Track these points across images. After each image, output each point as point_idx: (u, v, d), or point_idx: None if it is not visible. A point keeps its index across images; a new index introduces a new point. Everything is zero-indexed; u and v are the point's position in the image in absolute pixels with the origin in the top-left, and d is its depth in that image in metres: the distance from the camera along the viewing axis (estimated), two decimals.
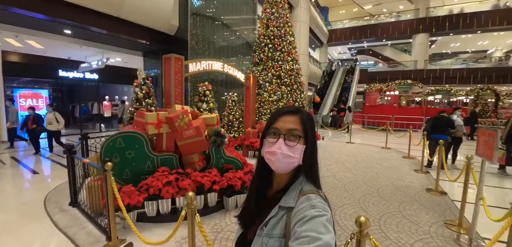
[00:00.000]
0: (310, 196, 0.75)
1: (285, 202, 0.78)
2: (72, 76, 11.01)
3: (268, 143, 0.84)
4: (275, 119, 0.85)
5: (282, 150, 0.79)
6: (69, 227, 3.02)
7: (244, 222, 0.92)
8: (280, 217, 0.77)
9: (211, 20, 9.63)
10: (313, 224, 0.66)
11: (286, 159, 0.80)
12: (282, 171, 0.83)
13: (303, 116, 0.85)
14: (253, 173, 0.97)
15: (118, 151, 3.25)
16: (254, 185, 0.94)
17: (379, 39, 22.40)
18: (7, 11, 5.47)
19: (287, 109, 0.86)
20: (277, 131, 0.82)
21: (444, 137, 5.41)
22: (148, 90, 4.90)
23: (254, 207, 0.90)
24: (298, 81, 8.79)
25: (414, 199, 4.09)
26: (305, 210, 0.70)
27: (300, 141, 0.81)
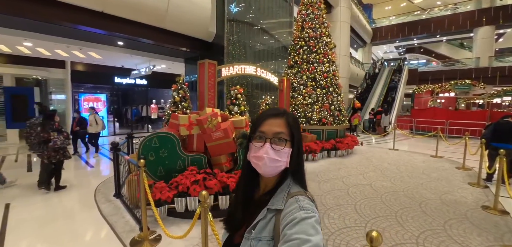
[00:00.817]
0: (299, 197, 0.75)
1: (273, 204, 0.78)
2: (125, 82, 12.39)
3: (254, 147, 0.82)
4: (260, 123, 0.84)
5: (268, 154, 0.78)
6: (111, 215, 3.40)
7: (231, 226, 0.91)
8: (269, 220, 0.76)
9: (247, 25, 9.86)
10: (302, 226, 0.66)
11: (273, 163, 0.79)
12: (269, 175, 0.82)
13: (288, 118, 0.84)
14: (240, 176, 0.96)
15: (153, 150, 3.54)
16: (241, 188, 0.93)
17: (432, 35, 20.17)
18: (75, 28, 6.43)
19: (273, 112, 0.85)
20: (263, 135, 0.81)
21: (507, 146, 4.62)
22: (184, 93, 5.24)
23: (242, 210, 0.89)
24: (334, 83, 8.44)
25: (464, 217, 3.58)
26: (294, 212, 0.70)
27: (287, 144, 0.80)
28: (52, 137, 4.24)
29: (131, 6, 6.54)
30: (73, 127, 7.61)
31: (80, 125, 7.58)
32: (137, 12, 6.76)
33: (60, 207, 3.82)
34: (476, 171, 5.67)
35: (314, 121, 7.97)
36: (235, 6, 9.42)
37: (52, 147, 4.20)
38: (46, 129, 4.26)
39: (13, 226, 3.22)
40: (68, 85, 10.73)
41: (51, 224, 3.27)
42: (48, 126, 4.30)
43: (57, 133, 4.34)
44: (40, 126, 4.23)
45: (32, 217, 3.43)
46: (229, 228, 0.91)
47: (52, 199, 4.12)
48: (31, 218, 3.41)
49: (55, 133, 4.31)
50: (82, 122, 7.62)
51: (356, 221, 3.41)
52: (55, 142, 4.23)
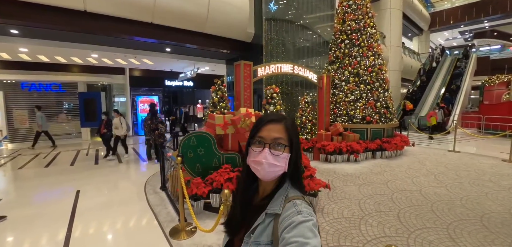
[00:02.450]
0: (296, 201, 0.76)
1: (271, 208, 0.80)
2: (174, 84, 13.52)
3: (253, 152, 0.84)
4: (259, 128, 0.86)
5: (267, 159, 0.80)
6: (156, 205, 3.80)
7: (231, 230, 0.93)
8: (267, 224, 0.79)
9: (286, 23, 9.79)
10: (300, 229, 0.68)
11: (272, 168, 0.81)
12: (268, 179, 0.84)
13: (287, 124, 0.85)
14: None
15: (192, 148, 3.81)
16: (240, 192, 0.95)
17: (508, 14, 16.92)
18: (131, 39, 7.29)
19: (272, 118, 0.86)
20: (262, 140, 0.83)
21: None
22: (222, 94, 5.48)
23: (240, 214, 0.91)
24: (381, 78, 7.78)
25: None
26: (292, 216, 0.72)
27: (285, 149, 0.82)
28: (158, 127, 6.50)
29: (176, 15, 7.10)
30: (101, 129, 7.45)
31: (108, 127, 7.42)
32: (181, 20, 7.31)
33: (116, 195, 4.41)
34: None
35: (357, 120, 7.50)
36: (274, 4, 9.42)
37: (158, 134, 6.47)
38: (154, 121, 6.54)
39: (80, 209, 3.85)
40: (127, 88, 12.22)
41: (109, 209, 3.81)
42: (155, 120, 6.56)
43: (160, 125, 6.58)
44: (149, 120, 6.53)
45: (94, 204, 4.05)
46: (229, 232, 0.94)
47: (111, 190, 4.78)
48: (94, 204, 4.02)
49: (159, 125, 6.54)
50: (110, 125, 7.42)
51: (397, 230, 3.12)
52: (160, 130, 6.53)
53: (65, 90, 11.17)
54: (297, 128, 0.89)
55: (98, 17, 6.17)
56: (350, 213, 3.58)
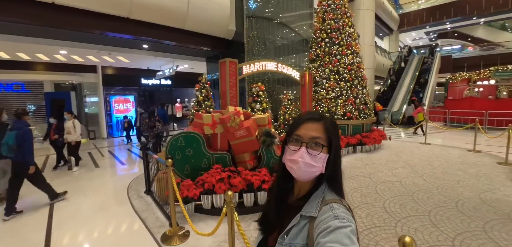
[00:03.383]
0: (333, 205, 0.73)
1: (307, 211, 0.77)
2: (151, 83, 12.96)
3: (290, 150, 0.82)
4: (297, 126, 0.84)
5: (304, 158, 0.78)
6: (143, 211, 3.61)
7: (265, 228, 0.92)
8: (302, 227, 0.76)
9: (266, 21, 9.79)
10: (336, 235, 0.64)
11: (308, 168, 0.78)
12: (304, 179, 0.82)
13: (326, 123, 0.82)
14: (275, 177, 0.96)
15: (180, 149, 3.67)
16: (274, 191, 0.94)
17: (467, 17, 18.51)
18: (104, 35, 6.83)
19: (310, 116, 0.84)
20: (299, 138, 0.81)
21: None
22: (207, 93, 5.35)
23: (275, 213, 0.90)
24: (359, 75, 8.11)
25: (508, 218, 3.28)
26: (329, 221, 0.68)
27: (323, 150, 0.78)
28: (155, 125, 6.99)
29: (154, 10, 6.78)
30: (51, 135, 6.13)
31: (59, 132, 6.09)
32: (159, 15, 7.00)
33: (97, 201, 4.12)
34: None
35: (338, 116, 7.74)
36: (253, 2, 9.39)
37: (155, 132, 6.95)
38: (152, 120, 7.04)
39: (58, 221, 3.53)
40: (100, 88, 11.47)
41: (91, 217, 3.54)
42: (153, 118, 7.00)
43: (157, 123, 7.05)
44: (147, 118, 7.04)
45: (73, 212, 3.75)
46: (263, 230, 0.92)
47: (90, 196, 4.45)
48: (73, 213, 3.72)
49: (157, 123, 7.02)
50: (61, 130, 6.08)
51: (385, 220, 3.28)
52: (157, 128, 7.02)
53: (29, 90, 10.21)
54: (337, 128, 0.85)
55: (67, 10, 5.69)
56: None
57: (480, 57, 17.57)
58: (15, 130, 3.59)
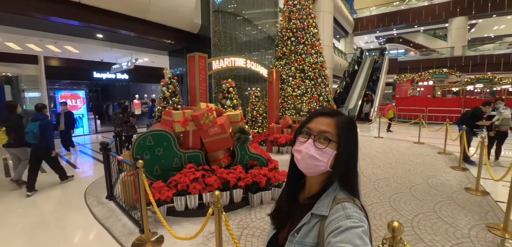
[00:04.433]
0: (346, 204, 0.71)
1: (317, 209, 0.75)
2: (105, 77, 11.79)
3: (298, 142, 0.83)
4: (310, 119, 0.84)
5: (308, 150, 0.77)
6: (106, 218, 3.26)
7: (276, 223, 0.91)
8: (313, 225, 0.74)
9: (232, 16, 9.68)
10: (348, 235, 0.62)
11: (311, 161, 0.77)
12: (308, 173, 0.82)
13: (340, 120, 0.80)
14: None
15: (148, 149, 3.41)
16: (285, 185, 0.94)
17: (410, 25, 20.91)
18: (47, 20, 5.96)
19: (324, 111, 0.84)
20: (309, 131, 0.81)
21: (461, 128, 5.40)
22: (174, 89, 5.07)
23: (286, 209, 0.89)
24: (322, 74, 8.54)
25: (451, 199, 3.81)
26: (340, 220, 0.67)
27: (330, 145, 0.77)
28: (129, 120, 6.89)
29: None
30: None
31: None
32: (117, 2, 6.39)
33: (49, 211, 3.60)
34: (456, 155, 6.05)
35: (304, 113, 8.05)
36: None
37: (130, 126, 6.85)
38: (125, 115, 6.81)
39: None
40: (42, 81, 10.02)
41: (44, 230, 3.08)
42: (126, 113, 6.88)
43: (131, 118, 6.94)
44: (121, 113, 6.81)
45: (16, 226, 3.21)
46: (275, 223, 0.91)
47: (40, 205, 3.87)
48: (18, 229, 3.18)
49: (130, 118, 6.90)
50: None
51: None
52: (132, 123, 6.92)
53: None
54: (353, 127, 0.81)
55: None
56: None
57: (420, 61, 20.03)
58: (38, 121, 4.24)
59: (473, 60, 17.76)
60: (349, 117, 0.83)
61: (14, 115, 4.46)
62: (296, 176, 0.89)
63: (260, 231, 2.95)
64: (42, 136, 4.24)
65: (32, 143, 4.23)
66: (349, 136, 0.79)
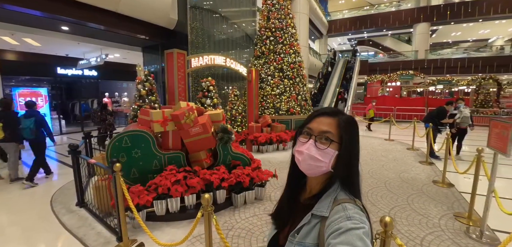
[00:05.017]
0: (346, 205, 0.70)
1: (318, 210, 0.74)
2: (70, 73, 10.89)
3: (299, 142, 0.82)
4: (311, 119, 0.83)
5: (310, 151, 0.76)
6: (78, 227, 2.99)
7: (277, 223, 0.90)
8: (313, 226, 0.73)
9: (210, 12, 9.48)
10: (348, 237, 0.61)
11: (313, 161, 0.76)
12: (309, 174, 0.80)
13: (341, 119, 0.79)
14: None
15: (125, 151, 3.20)
16: (286, 187, 0.92)
17: (379, 29, 22.16)
18: (3, 8, 5.34)
19: (325, 111, 0.82)
20: (310, 131, 0.79)
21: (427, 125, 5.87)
22: (150, 86, 4.83)
23: (287, 209, 0.88)
24: (300, 73, 8.70)
25: (421, 192, 4.09)
26: (340, 221, 0.66)
27: (332, 145, 0.75)
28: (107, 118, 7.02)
29: None
30: None
31: None
32: None
33: (10, 223, 3.21)
34: (423, 151, 6.52)
35: (282, 111, 8.14)
36: None
37: (108, 124, 6.97)
38: (103, 113, 7.04)
39: None
40: None
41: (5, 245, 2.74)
42: (105, 111, 7.07)
43: (109, 116, 7.07)
44: (99, 111, 7.06)
45: None
46: (276, 224, 0.90)
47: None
48: None
49: (108, 116, 7.04)
50: None
51: None
52: (109, 121, 7.05)
53: None
54: (354, 127, 0.80)
55: None
56: None
57: (388, 63, 21.32)
58: (33, 117, 4.55)
59: (435, 63, 19.34)
60: (350, 117, 0.82)
61: (10, 111, 4.63)
62: (297, 176, 0.88)
63: (246, 232, 2.91)
64: (38, 130, 4.60)
65: (29, 138, 4.54)
66: (350, 136, 0.78)
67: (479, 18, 18.33)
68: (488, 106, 12.57)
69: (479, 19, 18.44)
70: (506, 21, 19.75)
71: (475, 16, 18.15)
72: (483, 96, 12.91)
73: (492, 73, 14.70)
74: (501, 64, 17.98)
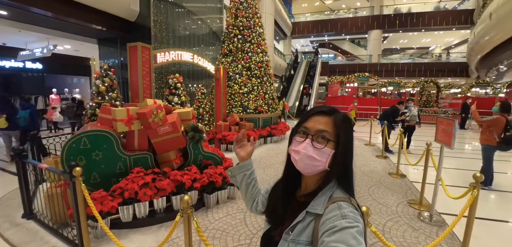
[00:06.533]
0: (341, 204, 0.70)
1: (313, 208, 0.74)
2: (9, 65, 9.43)
3: (295, 141, 0.81)
4: (307, 118, 0.82)
5: (307, 150, 0.76)
6: (26, 243, 2.60)
7: (272, 220, 0.90)
8: (307, 223, 0.74)
9: (174, 6, 9.08)
10: (342, 235, 0.62)
11: (310, 161, 0.76)
12: (306, 173, 0.80)
13: (337, 118, 0.79)
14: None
15: (83, 153, 2.89)
16: (281, 183, 0.92)
17: (338, 33, 23.67)
18: None
19: (321, 109, 0.82)
20: (306, 130, 0.79)
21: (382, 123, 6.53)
22: (111, 82, 4.42)
23: (282, 207, 0.87)
24: (268, 73, 8.84)
25: (379, 183, 4.48)
26: (335, 220, 0.66)
27: (329, 144, 0.76)
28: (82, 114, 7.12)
29: None
30: None
31: None
32: None
33: None
34: (379, 146, 7.14)
35: (250, 110, 8.18)
36: None
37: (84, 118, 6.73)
38: (80, 109, 7.79)
39: None
40: None
41: None
42: (81, 108, 7.82)
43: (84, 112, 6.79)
44: (75, 108, 7.95)
45: None
46: (270, 221, 0.90)
47: None
48: None
49: (83, 112, 6.79)
50: None
51: None
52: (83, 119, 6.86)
53: None
54: (349, 124, 0.81)
55: None
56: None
57: (346, 65, 22.96)
58: (28, 109, 5.67)
59: (386, 66, 21.40)
60: (345, 115, 0.82)
61: (10, 104, 5.76)
62: (292, 174, 0.87)
63: (221, 232, 2.86)
64: (31, 120, 5.59)
65: (22, 125, 5.48)
66: (347, 134, 0.79)
67: (422, 28, 20.81)
68: (430, 106, 14.34)
69: (422, 29, 20.93)
70: (444, 32, 22.80)
71: (419, 26, 20.56)
72: (425, 97, 14.69)
73: (432, 77, 16.84)
74: (439, 69, 20.73)
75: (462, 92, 16.53)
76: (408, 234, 2.88)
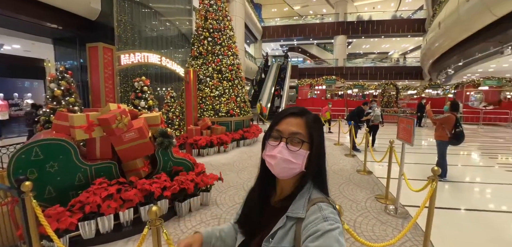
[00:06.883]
0: (321, 205, 0.71)
1: (293, 212, 0.73)
2: None
3: (269, 146, 0.79)
4: (278, 121, 0.81)
5: (282, 154, 0.75)
6: None
7: (246, 230, 0.86)
8: (289, 228, 0.72)
9: (140, 6, 8.65)
10: (326, 239, 0.62)
11: (287, 164, 0.75)
12: (283, 176, 0.78)
13: (308, 119, 0.79)
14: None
15: (35, 165, 2.57)
16: (256, 190, 0.88)
17: (307, 38, 24.61)
18: None
19: (292, 111, 0.81)
20: (279, 134, 0.78)
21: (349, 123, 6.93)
22: (68, 85, 4.04)
23: (258, 215, 0.84)
24: (239, 76, 8.80)
25: (349, 180, 4.68)
26: (317, 223, 0.66)
27: (303, 146, 0.76)
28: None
29: None
30: None
31: None
32: None
33: None
34: (347, 145, 7.49)
35: (222, 114, 8.06)
36: None
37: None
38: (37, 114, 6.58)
39: None
40: None
41: None
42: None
43: None
44: (34, 113, 6.77)
45: None
46: (244, 232, 0.86)
47: None
48: None
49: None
50: None
51: None
52: None
53: None
54: (321, 124, 0.82)
55: None
56: (241, 197, 3.89)
57: (315, 68, 23.96)
58: None
59: (351, 70, 22.76)
60: (315, 115, 0.83)
61: None
62: (267, 179, 0.85)
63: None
64: None
65: None
66: (319, 134, 0.80)
67: (382, 35, 22.55)
68: (390, 106, 15.52)
69: (381, 35, 22.68)
70: (400, 39, 24.92)
71: (379, 33, 22.26)
72: (386, 98, 15.86)
73: (392, 80, 18.27)
74: (397, 72, 22.59)
75: (417, 93, 18.16)
76: (377, 228, 3.03)
